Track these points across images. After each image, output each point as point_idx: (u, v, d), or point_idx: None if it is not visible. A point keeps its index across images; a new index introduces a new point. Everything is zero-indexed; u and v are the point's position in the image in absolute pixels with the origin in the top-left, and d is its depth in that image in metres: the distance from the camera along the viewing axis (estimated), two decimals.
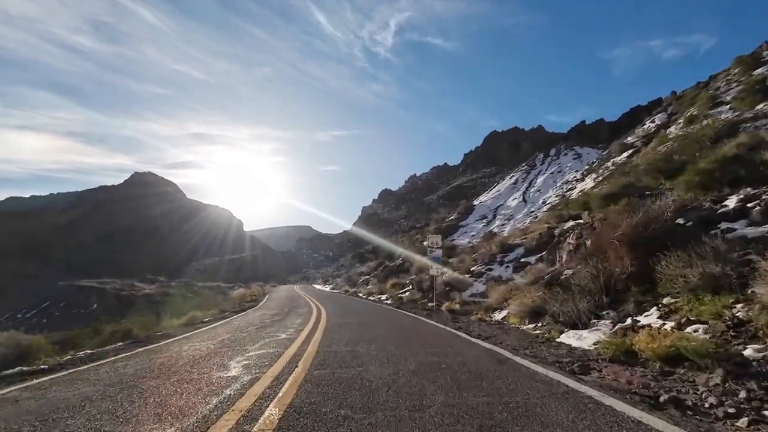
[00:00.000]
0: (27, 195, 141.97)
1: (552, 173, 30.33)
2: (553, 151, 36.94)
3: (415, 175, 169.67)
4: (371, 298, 22.62)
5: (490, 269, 15.71)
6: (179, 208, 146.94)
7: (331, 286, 44.07)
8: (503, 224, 24.11)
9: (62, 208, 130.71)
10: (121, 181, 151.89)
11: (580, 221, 15.12)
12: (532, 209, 24.65)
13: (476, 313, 10.59)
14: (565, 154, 35.04)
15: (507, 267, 15.38)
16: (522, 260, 14.82)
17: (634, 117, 64.96)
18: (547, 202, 24.92)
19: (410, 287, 20.01)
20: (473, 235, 25.64)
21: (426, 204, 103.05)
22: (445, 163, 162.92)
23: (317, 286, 50.34)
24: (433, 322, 9.55)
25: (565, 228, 14.95)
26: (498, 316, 9.89)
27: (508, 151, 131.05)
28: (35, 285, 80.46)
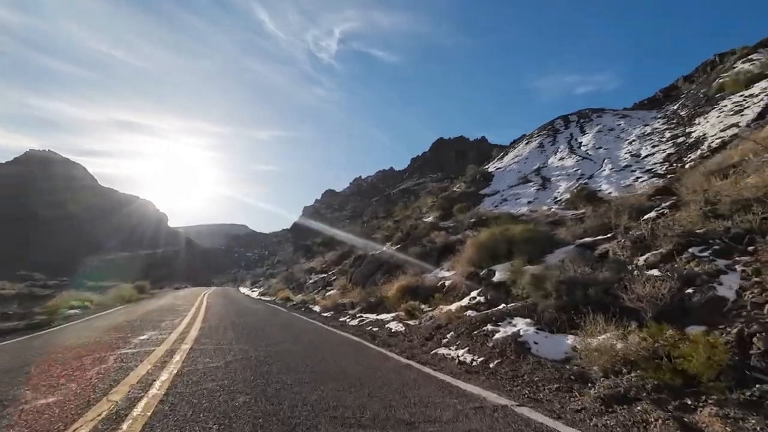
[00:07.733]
0: None
1: (600, 131, 20.00)
2: (573, 117, 26.59)
3: (360, 177, 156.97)
4: (346, 328, 9.03)
5: None
6: (87, 195, 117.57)
7: (262, 289, 29.25)
8: (577, 184, 12.74)
9: None
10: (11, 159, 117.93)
11: None
12: (621, 164, 13.88)
13: None
14: (599, 116, 24.94)
15: None
16: None
17: None
18: (646, 155, 14.80)
19: (479, 296, 6.92)
20: (531, 202, 13.62)
21: (386, 197, 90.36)
22: (391, 168, 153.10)
23: (243, 290, 35.08)
24: None
25: None
26: None
27: (455, 158, 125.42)
28: None
